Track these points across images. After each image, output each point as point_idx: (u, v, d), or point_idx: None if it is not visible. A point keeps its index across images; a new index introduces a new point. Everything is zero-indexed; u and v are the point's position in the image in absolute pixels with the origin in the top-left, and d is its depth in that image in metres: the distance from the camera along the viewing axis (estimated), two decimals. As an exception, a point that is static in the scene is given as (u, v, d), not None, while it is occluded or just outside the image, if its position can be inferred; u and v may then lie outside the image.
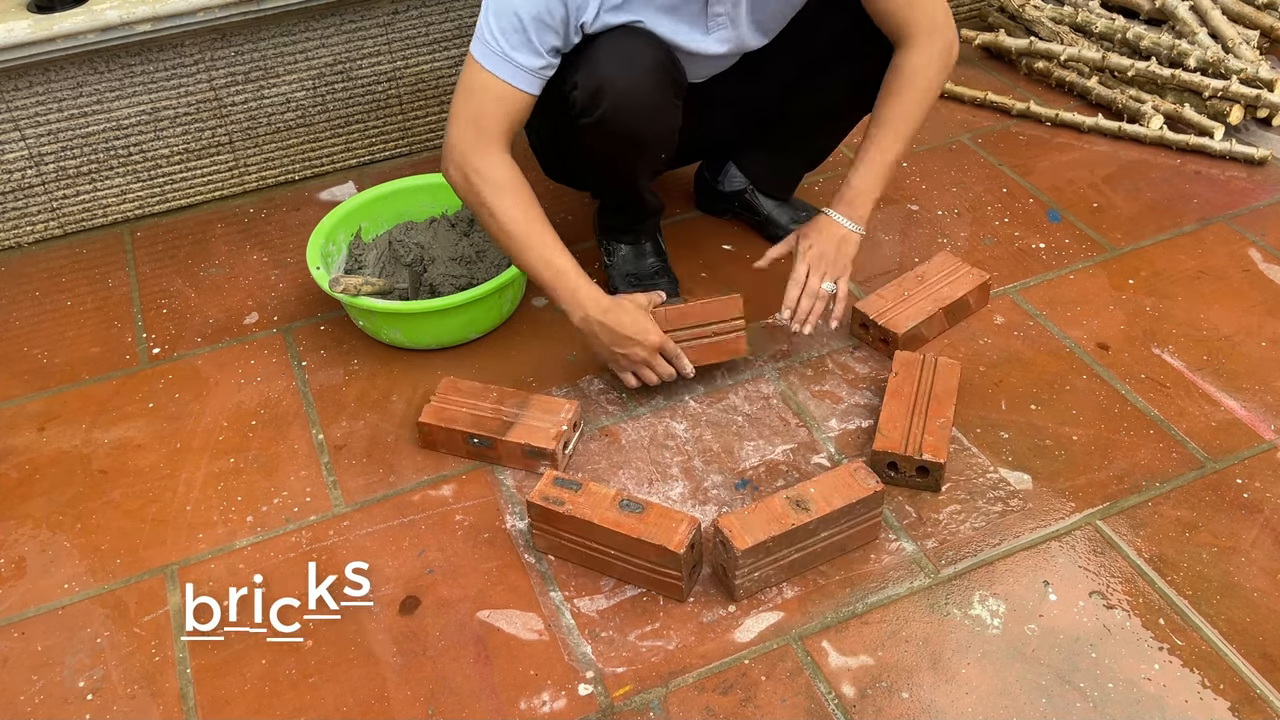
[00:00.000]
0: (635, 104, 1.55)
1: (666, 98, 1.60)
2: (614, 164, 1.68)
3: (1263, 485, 1.54)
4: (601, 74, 1.52)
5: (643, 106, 1.56)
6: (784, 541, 1.40)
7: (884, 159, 1.62)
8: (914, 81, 1.60)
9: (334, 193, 2.26)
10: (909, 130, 1.62)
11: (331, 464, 1.65)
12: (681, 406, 1.71)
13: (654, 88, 1.56)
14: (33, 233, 2.15)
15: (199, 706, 1.34)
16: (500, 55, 1.49)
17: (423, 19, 2.21)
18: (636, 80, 1.53)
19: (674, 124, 1.66)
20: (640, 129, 1.59)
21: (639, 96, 1.54)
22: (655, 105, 1.58)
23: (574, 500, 1.43)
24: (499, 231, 1.57)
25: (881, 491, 1.44)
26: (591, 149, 1.65)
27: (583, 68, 1.53)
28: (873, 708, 1.30)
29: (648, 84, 1.55)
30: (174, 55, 2.06)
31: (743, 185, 2.02)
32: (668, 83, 1.59)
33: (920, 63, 1.60)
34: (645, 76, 1.54)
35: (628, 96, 1.53)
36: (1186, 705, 1.28)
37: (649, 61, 1.54)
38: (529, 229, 1.56)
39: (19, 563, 1.53)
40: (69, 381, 1.83)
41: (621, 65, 1.52)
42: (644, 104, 1.56)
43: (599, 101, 1.53)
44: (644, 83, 1.54)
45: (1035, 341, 1.80)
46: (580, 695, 1.33)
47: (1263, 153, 2.18)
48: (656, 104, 1.59)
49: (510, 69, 1.49)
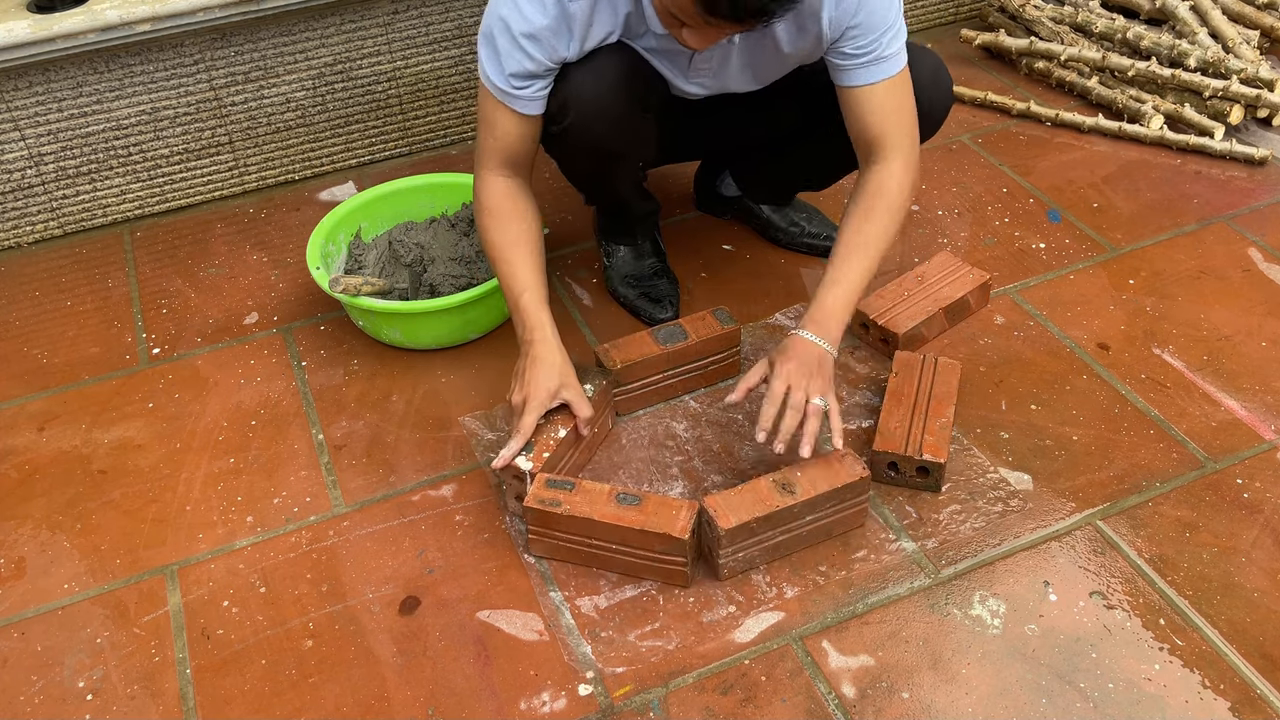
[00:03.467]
0: (600, 115, 1.54)
1: (634, 109, 1.58)
2: (589, 171, 1.69)
3: (1263, 485, 1.54)
4: (569, 85, 1.52)
5: (608, 118, 1.55)
6: (768, 523, 1.41)
7: (857, 282, 1.54)
8: (891, 201, 1.54)
9: (334, 193, 2.26)
10: (881, 251, 1.55)
11: (331, 464, 1.65)
12: (682, 406, 1.71)
13: (620, 100, 1.55)
14: (33, 233, 2.15)
15: (199, 706, 1.34)
16: (487, 80, 1.52)
17: (423, 19, 2.21)
18: (601, 92, 1.53)
19: (646, 135, 1.66)
20: (607, 140, 1.59)
21: (604, 108, 1.54)
22: (621, 117, 1.57)
23: (570, 500, 1.43)
24: (487, 253, 1.60)
25: (867, 478, 1.45)
26: (564, 157, 1.67)
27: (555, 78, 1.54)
28: (873, 708, 1.30)
29: (614, 96, 1.54)
30: (174, 55, 2.06)
31: (739, 191, 2.02)
32: (636, 95, 1.58)
33: (894, 183, 1.54)
34: (611, 89, 1.53)
35: (592, 107, 1.53)
36: (1187, 705, 1.28)
37: (616, 74, 1.53)
38: (502, 245, 1.57)
39: (19, 563, 1.53)
40: (69, 381, 1.83)
41: (587, 76, 1.52)
42: (609, 116, 1.55)
43: (565, 112, 1.53)
44: (610, 95, 1.53)
45: (1035, 341, 1.80)
46: (580, 695, 1.33)
47: (1263, 153, 2.18)
48: (623, 115, 1.57)
49: (498, 93, 1.52)
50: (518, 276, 1.55)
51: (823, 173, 1.91)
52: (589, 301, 1.93)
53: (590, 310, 1.91)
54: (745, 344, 1.80)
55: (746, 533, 1.41)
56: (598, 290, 1.95)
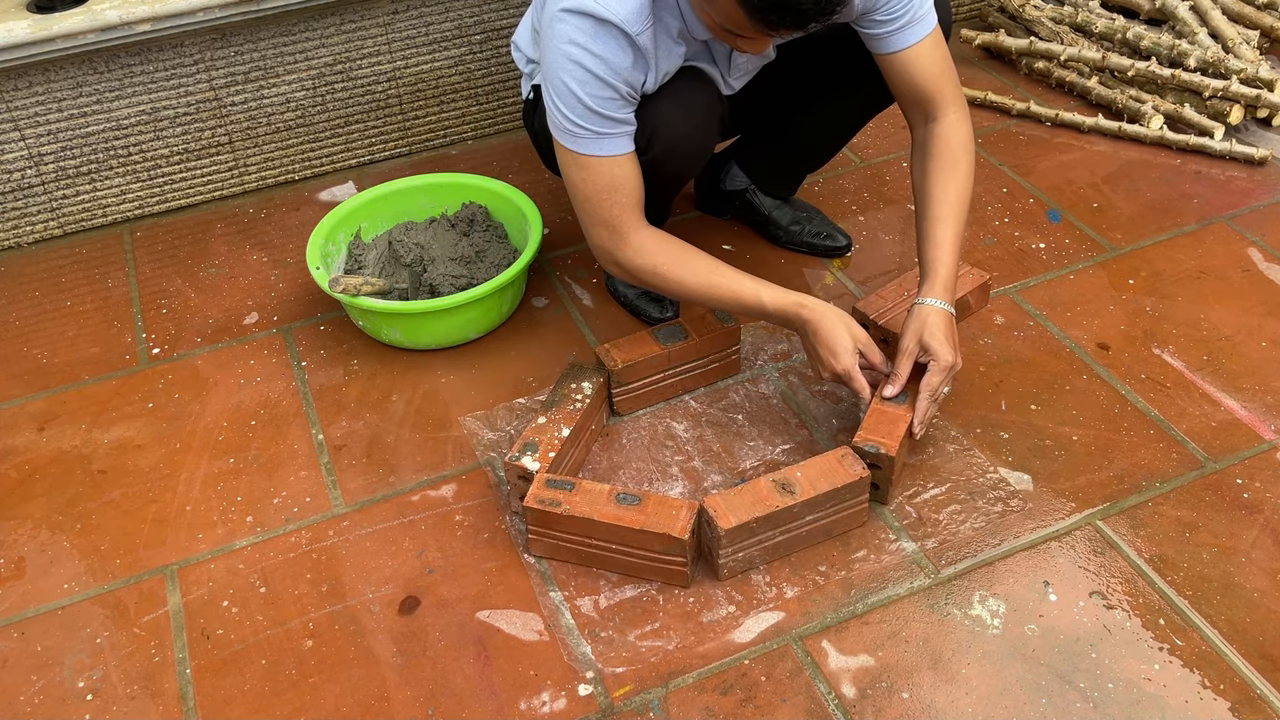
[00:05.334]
0: (687, 146, 1.57)
1: (712, 137, 1.64)
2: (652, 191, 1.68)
3: (1263, 485, 1.54)
4: (657, 117, 1.52)
5: (693, 149, 1.59)
6: (768, 523, 1.41)
7: (958, 238, 1.58)
8: (962, 153, 1.59)
9: (334, 193, 2.26)
10: (968, 202, 1.60)
11: (331, 464, 1.65)
12: (682, 406, 1.71)
13: (705, 131, 1.59)
14: (32, 233, 2.15)
15: (199, 706, 1.34)
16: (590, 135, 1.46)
17: (423, 19, 2.21)
18: (690, 123, 1.55)
19: (711, 152, 1.70)
20: (686, 165, 1.63)
21: (692, 139, 1.57)
22: (704, 146, 1.62)
23: (570, 500, 1.43)
24: (687, 297, 1.57)
25: (867, 478, 1.45)
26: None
27: (641, 107, 1.52)
28: (873, 708, 1.30)
29: (700, 127, 1.57)
30: (174, 55, 2.06)
31: (744, 185, 2.02)
32: (715, 122, 1.62)
33: (959, 135, 1.59)
34: (698, 120, 1.56)
35: (682, 139, 1.55)
36: (1186, 705, 1.28)
37: (702, 104, 1.56)
38: (702, 280, 1.54)
39: (19, 563, 1.53)
40: (69, 381, 1.83)
41: (679, 110, 1.53)
42: (694, 145, 1.59)
43: (654, 144, 1.53)
44: (697, 126, 1.56)
45: (1035, 341, 1.80)
46: (580, 695, 1.33)
47: (1263, 153, 2.18)
48: (705, 146, 1.63)
49: (600, 143, 1.47)
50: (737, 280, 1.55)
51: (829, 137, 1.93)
52: (589, 301, 1.93)
53: (590, 310, 1.91)
54: (745, 343, 1.80)
55: (746, 533, 1.41)
56: (598, 290, 1.95)
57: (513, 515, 1.54)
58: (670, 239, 1.56)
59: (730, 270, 1.56)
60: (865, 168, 2.25)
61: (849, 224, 2.07)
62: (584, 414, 1.58)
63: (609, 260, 1.57)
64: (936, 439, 1.63)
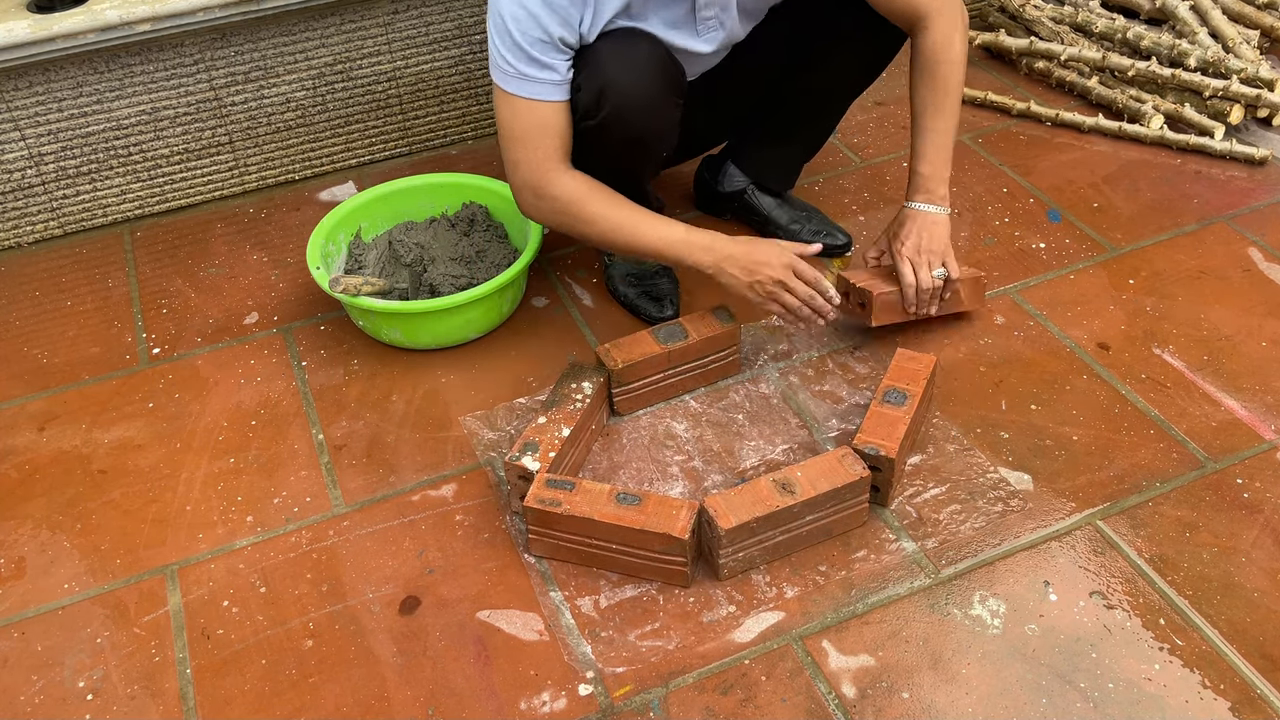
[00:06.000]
0: (638, 105, 1.55)
1: (668, 97, 1.61)
2: (617, 164, 1.68)
3: (1263, 485, 1.54)
4: (604, 76, 1.51)
5: (645, 107, 1.56)
6: (768, 523, 1.41)
7: (942, 139, 1.65)
8: (944, 58, 1.62)
9: (334, 193, 2.26)
10: (953, 105, 1.64)
11: (331, 464, 1.65)
12: (682, 406, 1.71)
13: (656, 88, 1.56)
14: (33, 233, 2.15)
15: (199, 706, 1.34)
16: (509, 71, 1.50)
17: (423, 19, 2.21)
18: (639, 81, 1.53)
19: (675, 121, 1.67)
20: (643, 129, 1.59)
21: (642, 97, 1.54)
22: (657, 105, 1.58)
23: (570, 499, 1.43)
24: (600, 237, 1.59)
25: (868, 478, 1.45)
26: (594, 150, 1.65)
27: (584, 69, 1.53)
28: (873, 708, 1.30)
29: (650, 85, 1.55)
30: (174, 55, 2.06)
31: (742, 185, 2.02)
32: (669, 82, 1.59)
33: (942, 40, 1.62)
34: (647, 77, 1.54)
35: (631, 98, 1.53)
36: (1187, 705, 1.28)
37: (651, 62, 1.55)
38: (622, 219, 1.58)
39: (19, 563, 1.53)
40: (69, 381, 1.83)
41: (624, 67, 1.52)
42: (646, 105, 1.56)
43: (602, 104, 1.53)
44: (646, 84, 1.54)
45: (1035, 341, 1.80)
46: (580, 695, 1.33)
47: (1263, 153, 2.18)
48: (658, 104, 1.59)
49: (529, 86, 1.50)
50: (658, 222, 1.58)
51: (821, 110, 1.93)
52: (589, 301, 1.93)
53: (590, 310, 1.91)
54: (745, 343, 1.80)
55: (746, 533, 1.41)
56: (598, 290, 1.95)
57: (513, 515, 1.55)
58: (594, 181, 1.58)
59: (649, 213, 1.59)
60: (865, 168, 2.25)
61: (849, 223, 2.07)
62: (584, 414, 1.58)
63: (530, 199, 1.59)
64: (936, 439, 1.63)
